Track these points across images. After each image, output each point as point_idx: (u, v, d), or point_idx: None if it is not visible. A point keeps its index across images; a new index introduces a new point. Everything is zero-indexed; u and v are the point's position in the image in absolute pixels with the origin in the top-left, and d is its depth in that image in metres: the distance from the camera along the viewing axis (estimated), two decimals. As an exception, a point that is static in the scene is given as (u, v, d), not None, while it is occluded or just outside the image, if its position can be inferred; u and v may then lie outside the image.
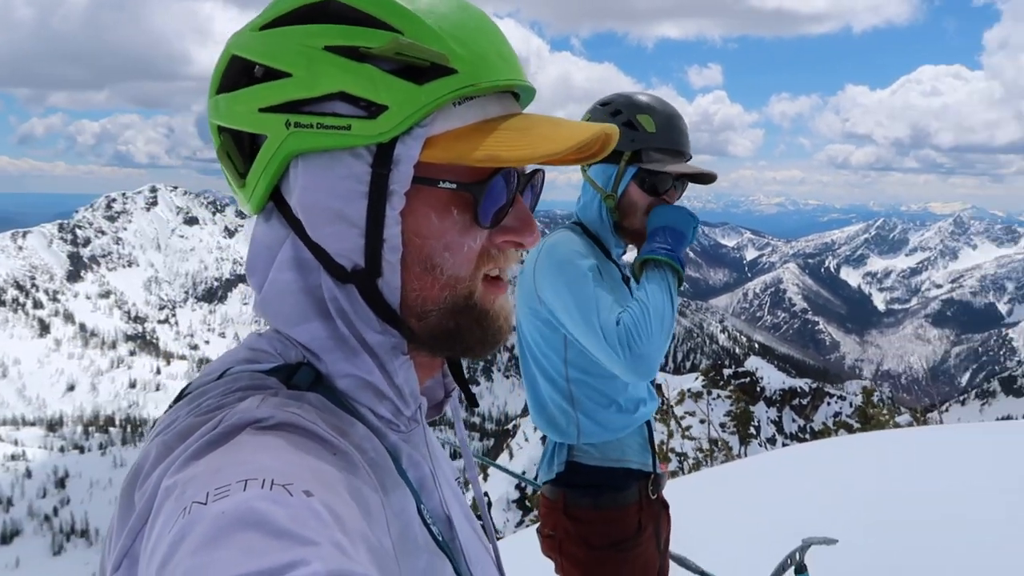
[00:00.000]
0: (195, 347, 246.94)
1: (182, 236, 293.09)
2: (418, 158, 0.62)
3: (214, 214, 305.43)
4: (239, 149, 0.67)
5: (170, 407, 0.64)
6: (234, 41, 0.67)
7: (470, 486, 0.88)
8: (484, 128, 0.65)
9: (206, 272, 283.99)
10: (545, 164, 0.73)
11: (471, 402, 0.82)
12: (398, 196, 0.63)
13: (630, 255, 1.94)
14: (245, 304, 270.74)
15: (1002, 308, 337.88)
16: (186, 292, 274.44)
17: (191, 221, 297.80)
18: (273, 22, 0.65)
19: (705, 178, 1.92)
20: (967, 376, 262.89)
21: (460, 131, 0.64)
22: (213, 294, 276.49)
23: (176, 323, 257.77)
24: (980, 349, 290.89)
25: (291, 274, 0.66)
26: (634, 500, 1.89)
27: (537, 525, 2.08)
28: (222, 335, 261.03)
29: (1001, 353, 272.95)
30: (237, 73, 0.66)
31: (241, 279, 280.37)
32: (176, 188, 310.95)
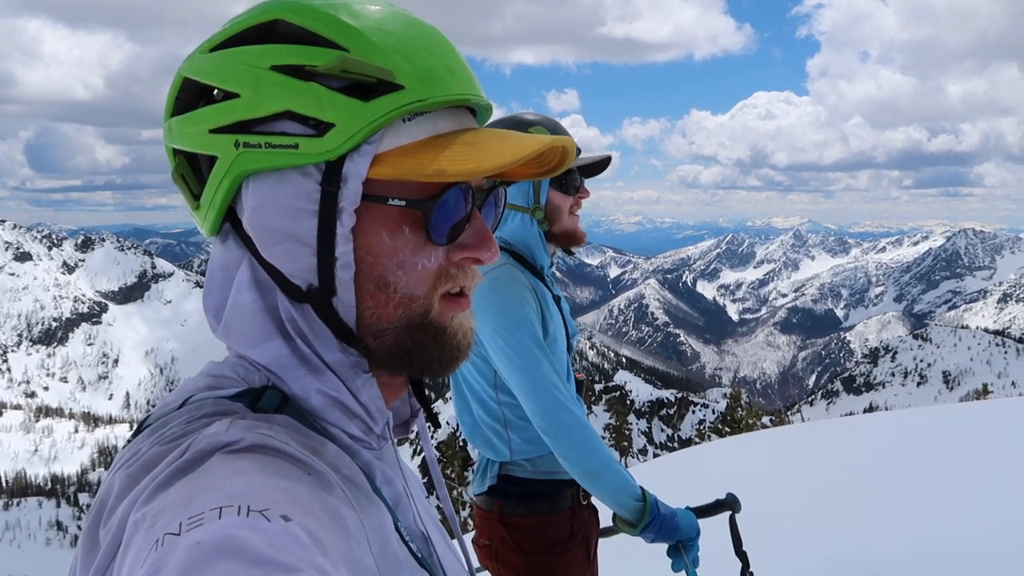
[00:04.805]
0: (32, 395, 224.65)
1: (13, 274, 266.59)
2: (367, 175, 0.62)
3: (50, 248, 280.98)
4: (194, 172, 0.68)
5: (129, 441, 0.62)
6: (186, 64, 0.67)
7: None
8: (433, 144, 0.64)
9: (42, 312, 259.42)
10: (504, 178, 0.73)
11: (433, 422, 0.82)
12: (348, 214, 0.62)
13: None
14: (89, 345, 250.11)
15: (839, 313, 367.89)
16: (19, 335, 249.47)
17: (23, 257, 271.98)
18: (223, 43, 0.65)
19: (602, 165, 2.09)
20: (813, 378, 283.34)
21: (409, 147, 0.63)
22: (52, 335, 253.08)
23: (8, 369, 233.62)
24: (823, 352, 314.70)
25: (249, 295, 0.66)
26: (567, 506, 1.98)
27: (472, 536, 2.13)
28: (64, 380, 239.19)
29: (841, 355, 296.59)
30: (189, 95, 0.67)
31: (84, 317, 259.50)
32: (4, 222, 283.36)
